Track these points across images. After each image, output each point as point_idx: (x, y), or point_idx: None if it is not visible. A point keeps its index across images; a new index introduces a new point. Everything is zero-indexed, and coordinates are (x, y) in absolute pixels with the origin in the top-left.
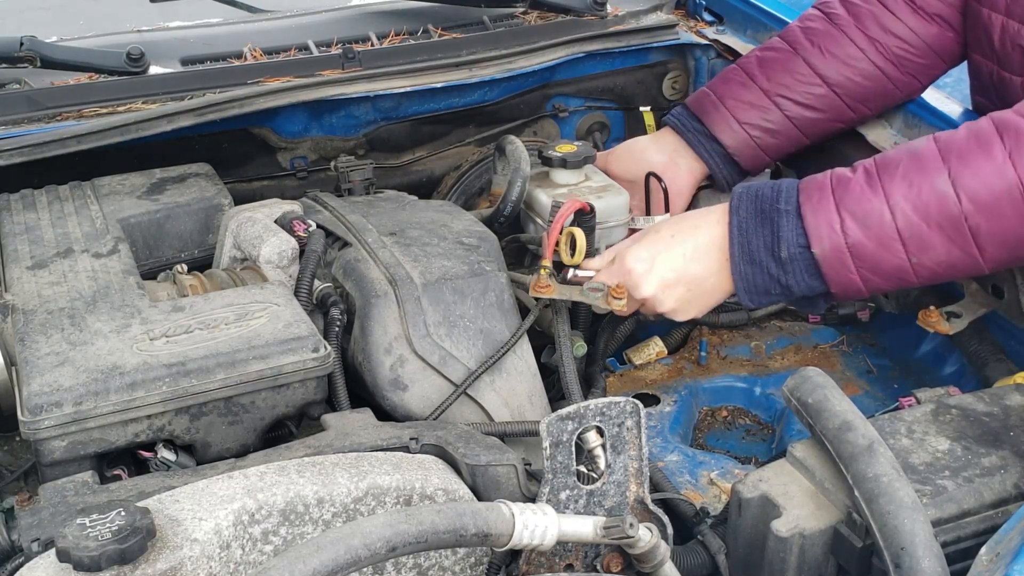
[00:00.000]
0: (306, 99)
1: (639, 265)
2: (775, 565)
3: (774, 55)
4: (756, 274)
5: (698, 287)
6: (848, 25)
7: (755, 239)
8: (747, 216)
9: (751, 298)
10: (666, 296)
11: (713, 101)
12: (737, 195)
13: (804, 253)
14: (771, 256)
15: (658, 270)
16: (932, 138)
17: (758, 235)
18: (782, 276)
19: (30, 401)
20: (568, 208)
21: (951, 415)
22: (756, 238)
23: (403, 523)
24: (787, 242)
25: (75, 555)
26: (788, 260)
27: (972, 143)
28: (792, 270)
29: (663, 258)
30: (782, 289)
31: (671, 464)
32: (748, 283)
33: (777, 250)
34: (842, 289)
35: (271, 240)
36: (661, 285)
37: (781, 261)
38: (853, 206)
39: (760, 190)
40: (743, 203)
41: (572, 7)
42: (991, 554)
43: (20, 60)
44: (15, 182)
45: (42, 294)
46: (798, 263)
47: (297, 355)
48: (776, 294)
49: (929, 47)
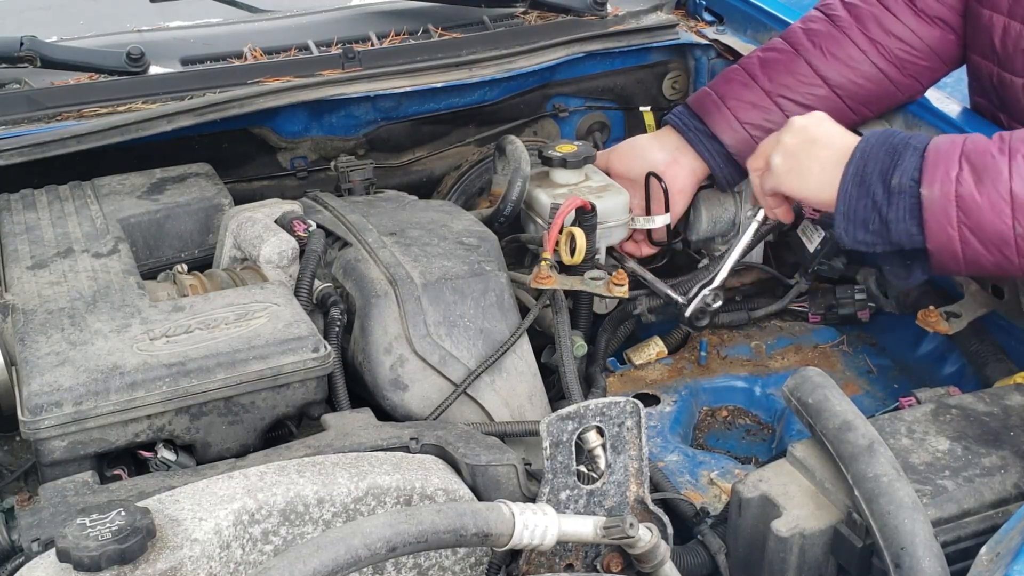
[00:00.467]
0: (306, 99)
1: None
2: (775, 565)
3: (776, 55)
4: (860, 198)
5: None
6: (849, 27)
7: (872, 163)
8: (876, 143)
9: (847, 227)
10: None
11: (715, 101)
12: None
13: (913, 188)
14: (881, 181)
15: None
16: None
17: (877, 160)
18: (885, 206)
19: (30, 401)
20: (569, 205)
21: (951, 415)
22: (874, 162)
23: (403, 523)
24: (902, 170)
25: (75, 555)
26: (896, 190)
27: None
28: (896, 203)
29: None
30: (880, 224)
31: (671, 464)
32: (849, 207)
33: (889, 176)
34: (939, 246)
35: (271, 240)
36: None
37: (889, 188)
38: (976, 159)
39: (897, 131)
40: (876, 134)
41: (572, 7)
42: (991, 554)
43: (20, 60)
44: (15, 182)
45: (42, 294)
46: (904, 197)
47: (297, 355)
48: (872, 230)
49: (930, 49)
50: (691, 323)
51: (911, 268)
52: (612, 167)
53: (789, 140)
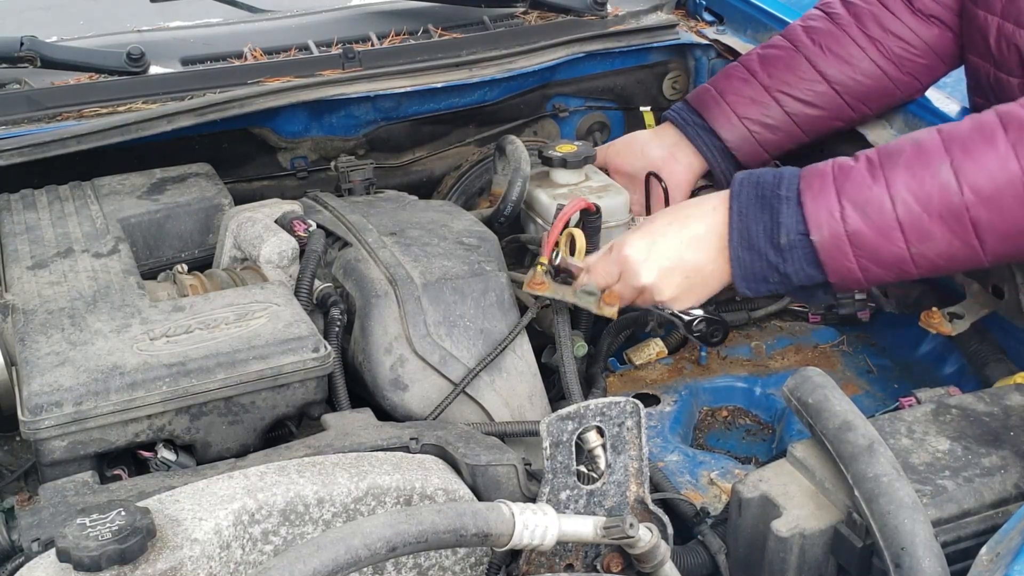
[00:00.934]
0: (306, 99)
1: (637, 254)
2: (775, 565)
3: (776, 52)
4: (754, 261)
5: (696, 274)
6: (849, 24)
7: (754, 225)
8: (747, 202)
9: (748, 286)
10: (664, 284)
11: (714, 96)
12: (738, 181)
13: (803, 240)
14: (770, 243)
15: (655, 258)
16: (936, 129)
17: (757, 221)
18: (780, 264)
19: (30, 401)
20: (573, 206)
21: (951, 415)
22: (755, 224)
23: (403, 523)
24: (786, 228)
25: (75, 555)
26: (787, 247)
27: (975, 134)
28: (790, 258)
29: (660, 246)
30: (780, 277)
31: (671, 464)
32: (746, 270)
33: (776, 237)
34: (840, 279)
35: (271, 240)
36: (659, 273)
37: (780, 248)
38: (854, 194)
39: (761, 176)
40: (744, 189)
41: (572, 7)
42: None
43: (20, 60)
44: (15, 182)
45: (42, 294)
46: (797, 251)
47: (297, 355)
48: (774, 282)
49: (928, 47)
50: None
51: (814, 294)
52: (610, 163)
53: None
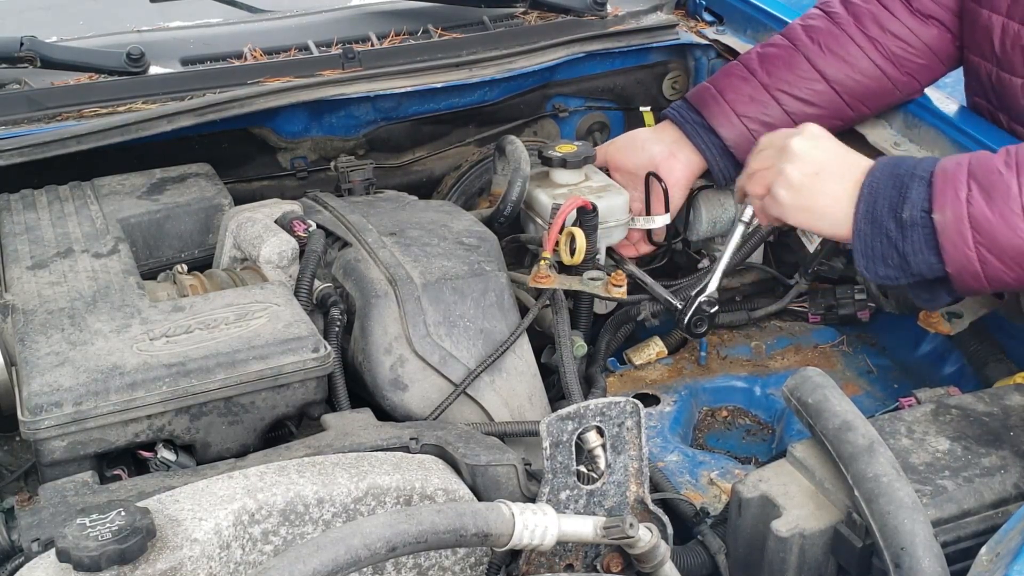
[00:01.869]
0: (306, 99)
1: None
2: (775, 565)
3: (775, 51)
4: (875, 235)
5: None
6: (848, 24)
7: (882, 199)
8: (881, 177)
9: (867, 265)
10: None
11: (713, 94)
12: (879, 161)
13: (925, 219)
14: (892, 216)
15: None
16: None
17: (886, 196)
18: (900, 241)
19: (30, 401)
20: (571, 205)
21: (951, 415)
22: (883, 199)
23: (403, 523)
24: (911, 203)
25: (75, 555)
26: (908, 223)
27: None
28: (910, 236)
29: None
30: (899, 259)
31: (671, 464)
32: (866, 244)
33: (900, 211)
34: (959, 269)
35: (271, 240)
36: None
37: (901, 223)
38: (984, 178)
39: (904, 158)
40: (881, 165)
41: (572, 7)
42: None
43: (20, 60)
44: (15, 182)
45: (42, 294)
46: (918, 228)
47: (297, 355)
48: (893, 265)
49: (927, 47)
50: (690, 331)
51: (936, 292)
52: (611, 160)
53: (792, 171)
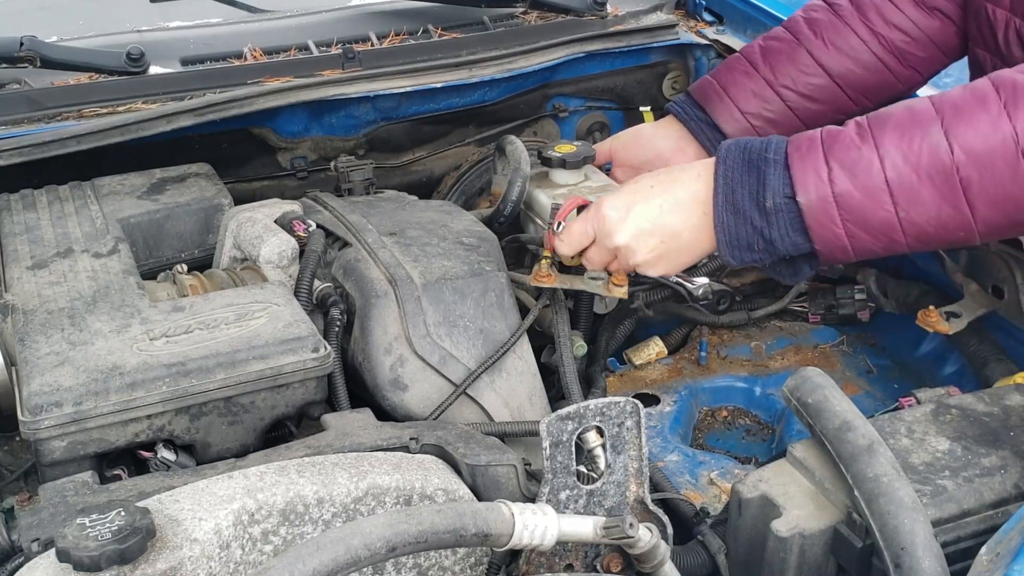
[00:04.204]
0: (306, 99)
1: (614, 213)
2: (775, 565)
3: (778, 45)
4: (739, 225)
5: (674, 240)
6: (851, 16)
7: (740, 188)
8: (734, 166)
9: (732, 253)
10: (640, 245)
11: (716, 90)
12: (725, 147)
13: (789, 204)
14: (756, 206)
15: (633, 219)
16: (927, 96)
17: (743, 184)
18: (765, 228)
19: (30, 401)
20: (571, 204)
21: (951, 415)
22: (741, 188)
23: (403, 523)
24: (773, 190)
25: (75, 555)
26: (773, 210)
27: (968, 96)
28: (776, 222)
29: (640, 208)
30: (765, 244)
31: (671, 464)
32: (730, 235)
33: (762, 199)
34: (827, 246)
35: (271, 240)
36: (635, 234)
37: (765, 211)
38: (842, 155)
39: (749, 143)
40: (731, 154)
41: (572, 7)
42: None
43: (20, 60)
44: (15, 182)
45: (42, 294)
46: (783, 214)
47: (297, 355)
48: (759, 250)
49: (930, 40)
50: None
51: (799, 267)
52: (617, 156)
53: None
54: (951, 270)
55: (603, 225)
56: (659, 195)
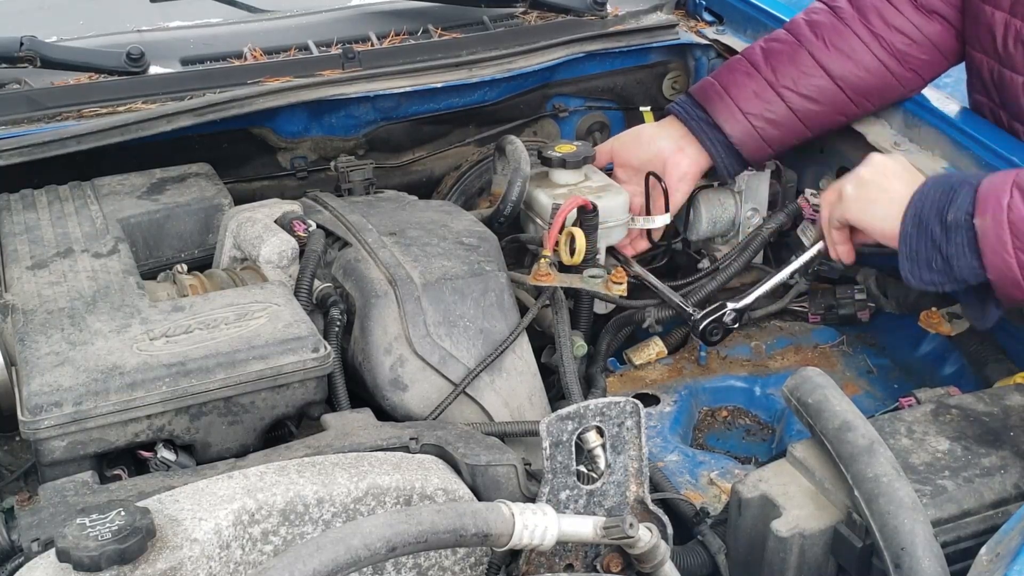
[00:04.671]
0: (306, 99)
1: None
2: (775, 565)
3: (779, 46)
4: (919, 237)
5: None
6: (852, 19)
7: (929, 203)
8: (932, 185)
9: (912, 269)
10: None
11: (718, 91)
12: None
13: (968, 221)
14: (937, 218)
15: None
16: None
17: (933, 200)
18: (943, 243)
19: (30, 401)
20: (570, 204)
21: (951, 415)
22: (930, 203)
23: (403, 523)
24: (956, 207)
25: (75, 555)
26: (952, 226)
27: None
28: (953, 239)
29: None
30: (943, 263)
31: (671, 464)
32: (910, 247)
33: (945, 213)
34: (999, 275)
35: (271, 240)
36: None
37: (946, 225)
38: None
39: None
40: (934, 177)
41: (572, 7)
42: (991, 554)
43: (20, 60)
44: (15, 182)
45: (42, 294)
46: (961, 231)
47: (297, 355)
48: (937, 270)
49: (931, 43)
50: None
51: (986, 306)
52: (617, 155)
53: (865, 172)
54: None
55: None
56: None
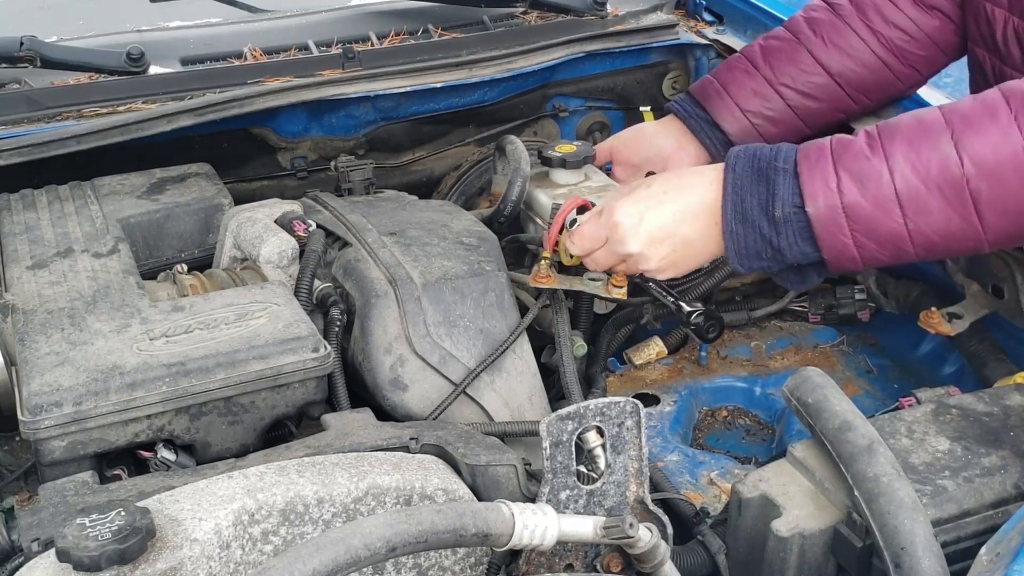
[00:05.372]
0: (306, 99)
1: (628, 220)
2: (775, 565)
3: (778, 44)
4: (748, 234)
5: (685, 248)
6: (851, 16)
7: (749, 197)
8: (743, 174)
9: (741, 261)
10: (652, 253)
11: (717, 88)
12: (734, 154)
13: (798, 213)
14: (764, 215)
15: (646, 227)
16: (937, 106)
17: (753, 193)
18: (774, 237)
19: (30, 401)
20: (571, 204)
21: (951, 415)
22: (751, 196)
23: (403, 523)
24: (782, 200)
25: (75, 555)
26: (782, 220)
27: (978, 108)
28: (785, 231)
29: (653, 215)
30: (773, 252)
31: (671, 464)
32: (739, 244)
33: (771, 208)
34: (835, 256)
35: (271, 240)
36: (648, 242)
37: (775, 220)
38: (851, 165)
39: (758, 150)
40: (740, 161)
41: (572, 7)
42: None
43: (20, 60)
44: (15, 182)
45: (42, 294)
46: (792, 224)
47: (297, 355)
48: (767, 258)
49: (930, 39)
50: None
51: (806, 275)
52: (617, 154)
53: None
54: (951, 270)
55: (616, 232)
56: (671, 201)
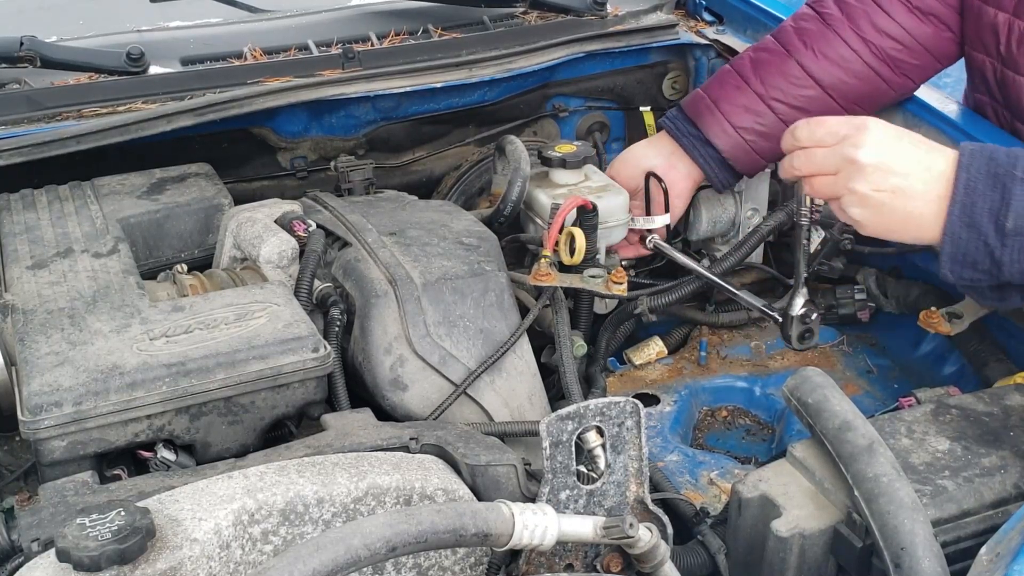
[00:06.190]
0: (306, 99)
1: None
2: (775, 565)
3: (767, 56)
4: (971, 240)
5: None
6: (841, 25)
7: (980, 201)
8: (977, 176)
9: (952, 267)
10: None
11: (708, 105)
12: (968, 152)
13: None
14: (993, 224)
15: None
16: None
17: (984, 197)
18: (998, 249)
19: (30, 401)
20: (570, 204)
21: (951, 415)
22: (981, 201)
23: (403, 523)
24: (1016, 211)
25: (75, 555)
26: (1012, 232)
27: None
28: (1012, 245)
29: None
30: (991, 264)
31: (671, 464)
32: (958, 249)
33: (1002, 218)
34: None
35: (271, 240)
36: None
37: (1004, 232)
38: None
39: (994, 152)
40: (975, 162)
41: (572, 7)
42: (991, 554)
43: (20, 60)
44: (15, 182)
45: (42, 294)
46: (1021, 239)
47: (297, 355)
48: (982, 270)
49: (923, 47)
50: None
51: (1007, 295)
52: (616, 175)
53: (865, 190)
54: None
55: (860, 134)
56: (923, 153)
